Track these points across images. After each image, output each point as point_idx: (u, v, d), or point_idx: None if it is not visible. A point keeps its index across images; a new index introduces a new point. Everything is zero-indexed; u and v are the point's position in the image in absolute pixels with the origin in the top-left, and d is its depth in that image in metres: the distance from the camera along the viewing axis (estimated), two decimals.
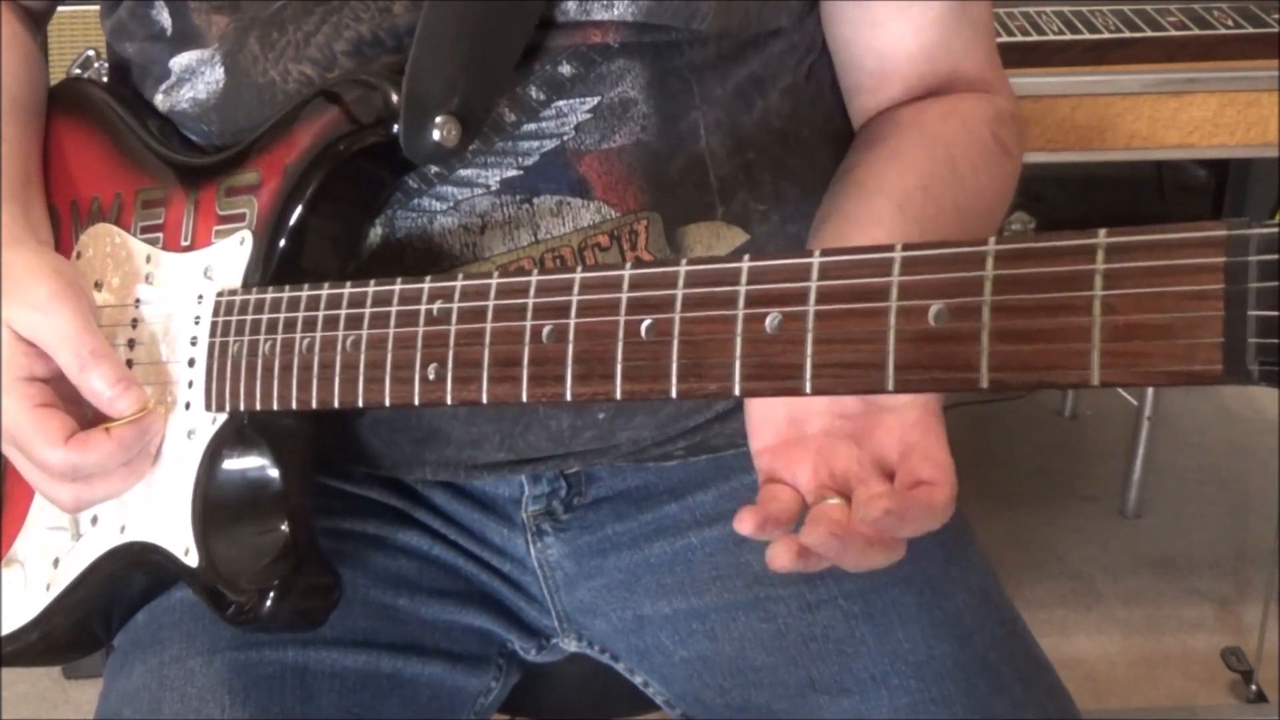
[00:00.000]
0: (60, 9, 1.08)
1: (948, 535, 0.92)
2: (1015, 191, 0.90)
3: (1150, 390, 2.35)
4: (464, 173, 0.83)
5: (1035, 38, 1.69)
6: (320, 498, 0.85)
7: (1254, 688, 2.01)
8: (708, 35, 0.84)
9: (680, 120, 0.84)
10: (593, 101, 0.83)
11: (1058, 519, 2.43)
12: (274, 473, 0.80)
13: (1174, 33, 1.68)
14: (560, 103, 0.82)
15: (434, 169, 0.83)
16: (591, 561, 0.95)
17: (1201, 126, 1.68)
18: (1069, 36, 1.69)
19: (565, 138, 0.83)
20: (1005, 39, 1.69)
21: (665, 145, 0.84)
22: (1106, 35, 1.69)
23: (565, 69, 0.82)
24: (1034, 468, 2.62)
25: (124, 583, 0.90)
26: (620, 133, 0.83)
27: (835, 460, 0.69)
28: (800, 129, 0.90)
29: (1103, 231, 0.46)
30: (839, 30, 0.91)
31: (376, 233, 0.85)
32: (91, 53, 1.12)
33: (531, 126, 0.83)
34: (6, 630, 0.92)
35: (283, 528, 0.80)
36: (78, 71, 1.08)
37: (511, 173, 0.83)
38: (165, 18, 0.88)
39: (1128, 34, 1.69)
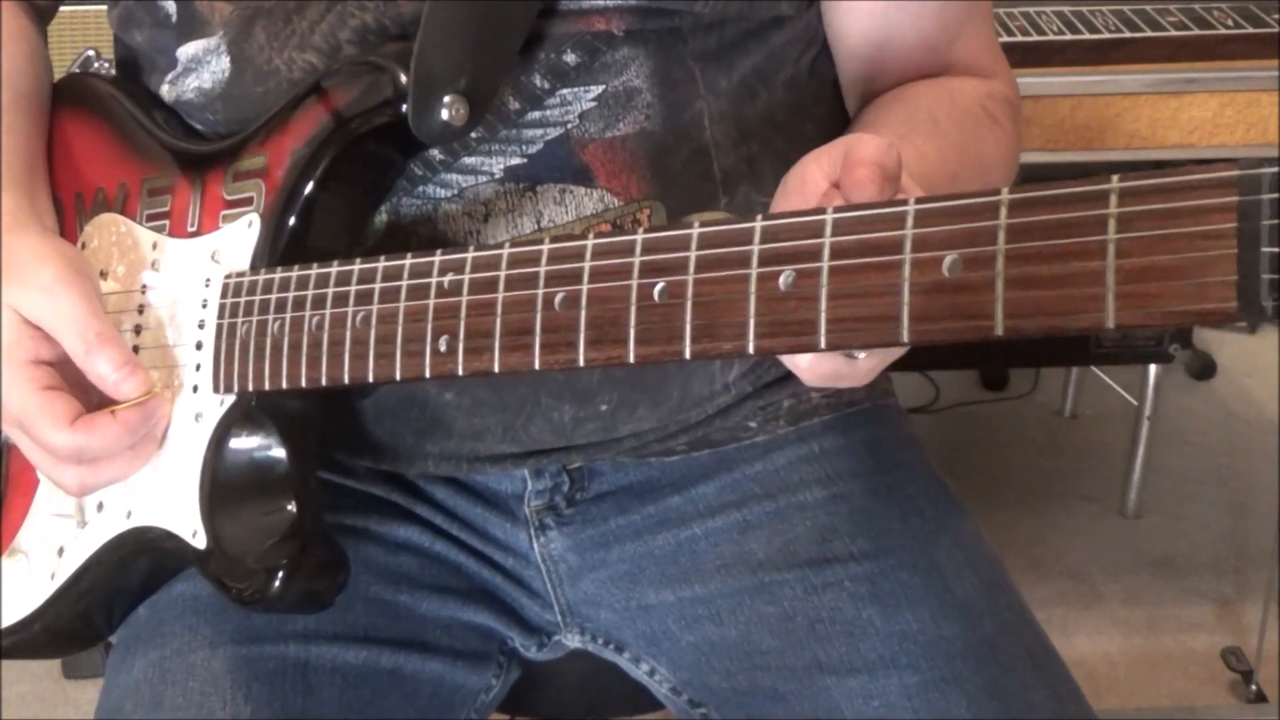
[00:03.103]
0: (60, 9, 1.08)
1: (952, 522, 0.93)
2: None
3: (1150, 390, 2.36)
4: (468, 160, 0.84)
5: (1035, 38, 1.70)
6: (322, 493, 0.85)
7: (1254, 688, 2.01)
8: (711, 22, 0.84)
9: (685, 110, 0.85)
10: (597, 90, 0.83)
11: (1058, 519, 2.44)
12: (281, 453, 0.80)
13: (1174, 33, 1.69)
14: (565, 91, 0.83)
15: (439, 156, 0.84)
16: (595, 554, 0.95)
17: (1201, 126, 1.69)
18: (1069, 36, 1.69)
19: (569, 126, 0.83)
20: (1005, 39, 1.70)
21: (669, 135, 0.84)
22: (1106, 35, 1.70)
23: (570, 58, 0.83)
24: (1034, 468, 2.62)
25: (128, 570, 0.90)
26: (625, 121, 0.83)
27: None
28: (804, 123, 0.91)
29: (1115, 177, 0.46)
30: (838, 21, 0.91)
31: (381, 219, 0.85)
32: (91, 53, 1.13)
33: (536, 115, 0.83)
34: (8, 622, 0.92)
35: (290, 508, 0.80)
36: (77, 71, 1.08)
37: (515, 161, 0.83)
38: (171, 5, 0.89)
39: (1128, 34, 1.69)
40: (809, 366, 0.67)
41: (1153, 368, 2.35)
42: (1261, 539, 2.28)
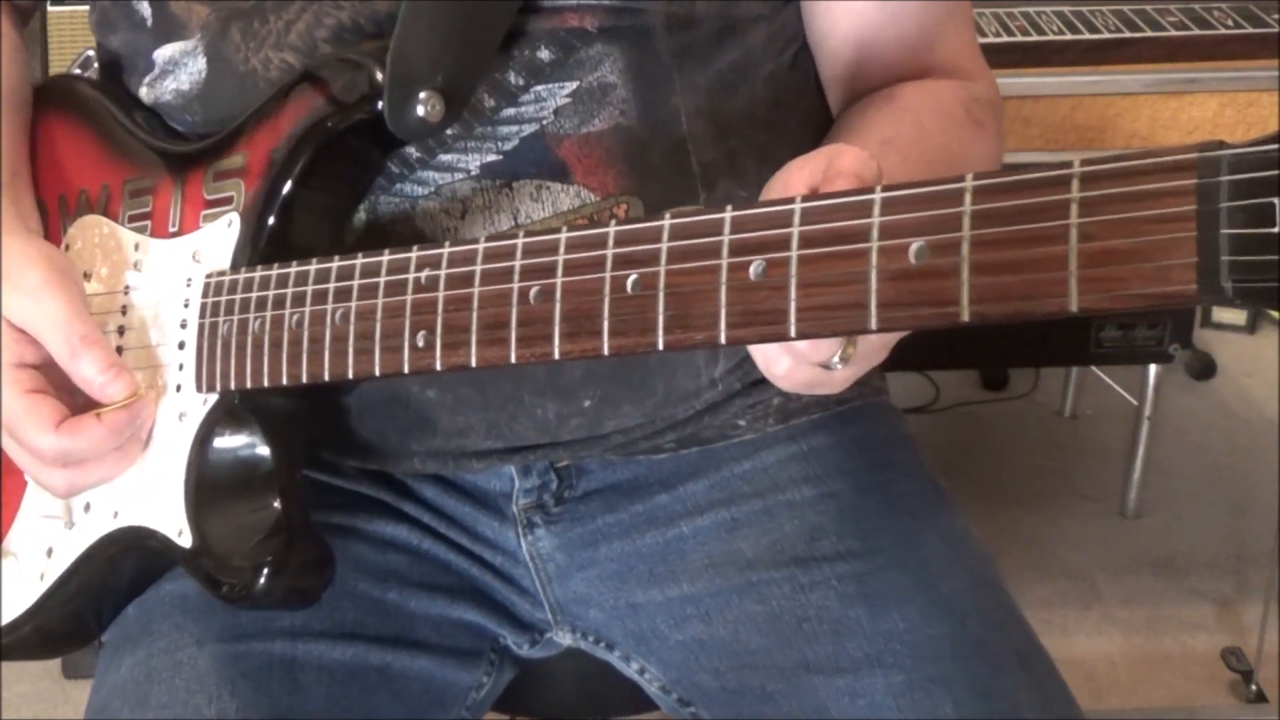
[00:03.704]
0: (60, 9, 1.09)
1: (943, 520, 0.93)
2: None
3: (1150, 390, 2.35)
4: (444, 157, 0.84)
5: (1035, 38, 1.70)
6: (309, 492, 0.85)
7: (1254, 688, 2.00)
8: (685, 19, 0.84)
9: (660, 106, 0.85)
10: (571, 86, 0.83)
11: (1058, 519, 2.43)
12: (265, 450, 0.80)
13: (1174, 33, 1.70)
14: (539, 87, 0.83)
15: (415, 154, 0.84)
16: (583, 553, 0.95)
17: (1201, 126, 1.69)
18: (1069, 36, 1.70)
19: (544, 122, 0.83)
20: (1005, 39, 1.71)
21: (645, 130, 0.84)
22: (1106, 35, 1.70)
23: (544, 54, 0.83)
24: (1034, 468, 2.61)
25: (117, 570, 0.89)
26: (599, 116, 0.83)
27: None
28: (786, 118, 0.91)
29: (1077, 161, 0.47)
30: (818, 23, 0.91)
31: (360, 218, 0.85)
32: (91, 53, 1.13)
33: (510, 111, 0.83)
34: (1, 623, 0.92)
35: (275, 504, 0.80)
36: (77, 71, 1.08)
37: (491, 157, 0.84)
38: (146, 8, 0.89)
39: (1128, 34, 1.70)
40: (785, 375, 0.67)
41: (1153, 368, 2.34)
42: (1261, 539, 2.28)
